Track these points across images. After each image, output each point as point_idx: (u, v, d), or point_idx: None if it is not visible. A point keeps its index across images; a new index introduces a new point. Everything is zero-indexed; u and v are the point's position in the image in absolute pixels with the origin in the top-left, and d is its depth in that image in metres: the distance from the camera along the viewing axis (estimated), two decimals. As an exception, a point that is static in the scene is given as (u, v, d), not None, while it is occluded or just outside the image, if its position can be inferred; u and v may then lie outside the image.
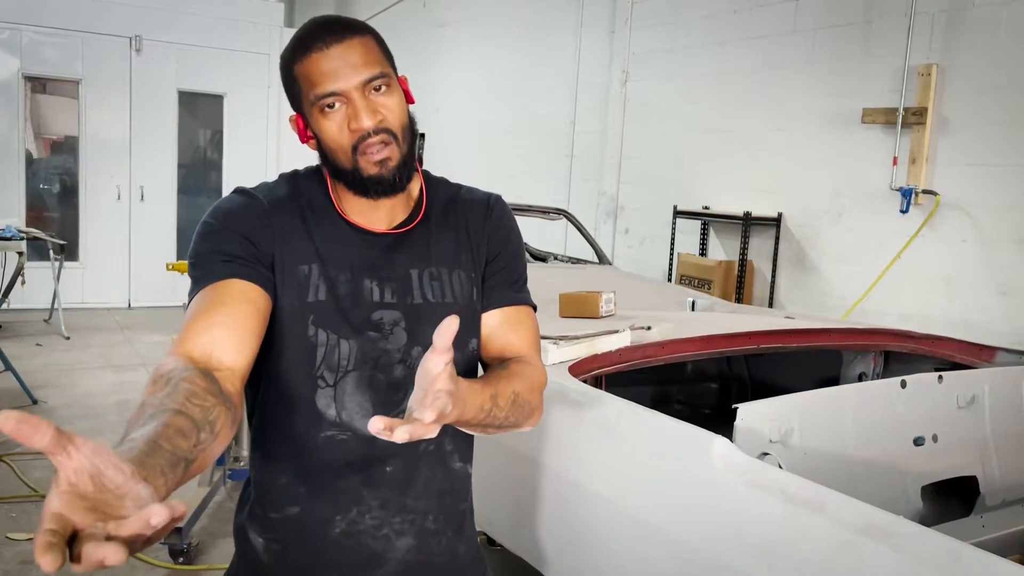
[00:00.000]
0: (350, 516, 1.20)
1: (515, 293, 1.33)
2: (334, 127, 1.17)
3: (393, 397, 1.21)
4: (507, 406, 1.14)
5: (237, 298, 1.12)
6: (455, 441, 1.27)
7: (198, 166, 8.83)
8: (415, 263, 1.25)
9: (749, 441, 1.66)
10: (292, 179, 1.28)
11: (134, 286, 8.13)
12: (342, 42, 1.16)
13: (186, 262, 3.96)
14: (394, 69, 1.22)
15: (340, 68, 1.15)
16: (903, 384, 1.94)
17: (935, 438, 1.96)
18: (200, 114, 8.69)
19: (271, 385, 1.22)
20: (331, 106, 1.16)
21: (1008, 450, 2.08)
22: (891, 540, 1.17)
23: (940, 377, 2.01)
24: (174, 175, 8.31)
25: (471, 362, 1.28)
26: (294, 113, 1.23)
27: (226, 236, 1.17)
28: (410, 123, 1.22)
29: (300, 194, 1.25)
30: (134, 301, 8.14)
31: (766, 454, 1.58)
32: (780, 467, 1.54)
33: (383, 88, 1.18)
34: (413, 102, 1.25)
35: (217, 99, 8.52)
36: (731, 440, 1.66)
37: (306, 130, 1.22)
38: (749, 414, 1.67)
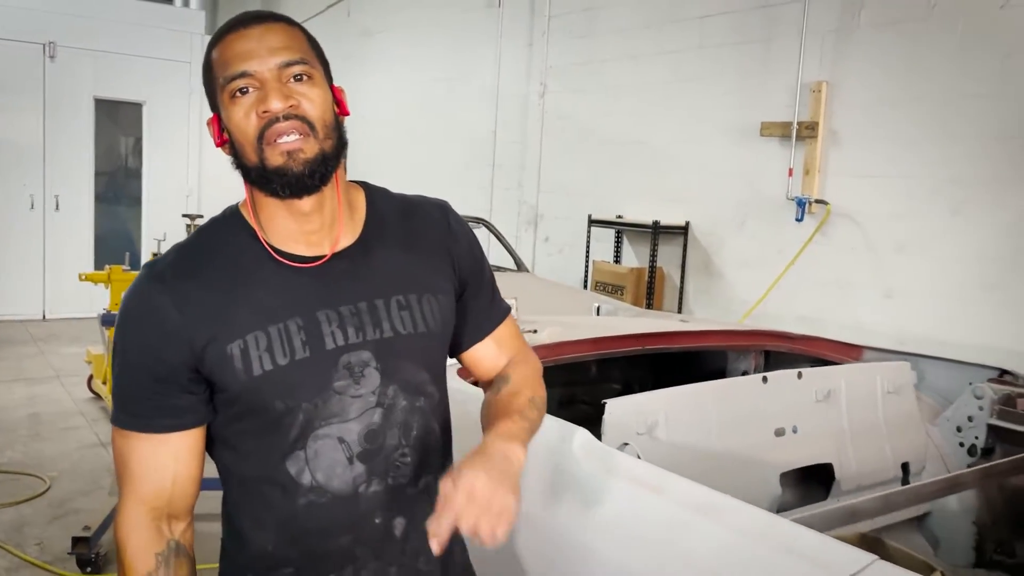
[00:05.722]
0: (345, 573, 1.15)
1: (497, 311, 1.33)
2: (241, 113, 1.06)
3: (370, 446, 1.13)
4: (535, 411, 1.23)
5: (176, 455, 1.11)
6: (437, 477, 1.16)
7: (118, 174, 8.68)
8: (378, 291, 1.15)
9: (616, 433, 1.79)
10: (208, 232, 1.16)
11: (49, 297, 7.96)
12: (262, 24, 1.08)
13: (101, 272, 3.99)
14: (326, 71, 1.14)
15: (256, 49, 1.05)
16: (764, 380, 2.10)
17: (795, 429, 2.13)
18: (120, 122, 8.55)
19: (239, 460, 1.15)
20: (243, 91, 1.05)
21: (863, 439, 2.26)
22: (717, 516, 1.31)
23: (800, 374, 2.18)
24: (91, 184, 8.17)
25: (445, 395, 1.26)
26: (212, 115, 1.12)
27: (140, 371, 1.10)
28: (336, 124, 1.11)
29: (215, 249, 1.13)
30: (49, 312, 7.97)
31: (626, 444, 1.71)
32: (638, 456, 1.68)
33: (304, 78, 1.07)
34: (348, 114, 1.15)
35: (136, 107, 8.40)
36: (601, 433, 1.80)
37: (222, 132, 1.10)
38: (616, 408, 1.80)
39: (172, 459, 1.11)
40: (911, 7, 4.13)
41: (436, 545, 0.99)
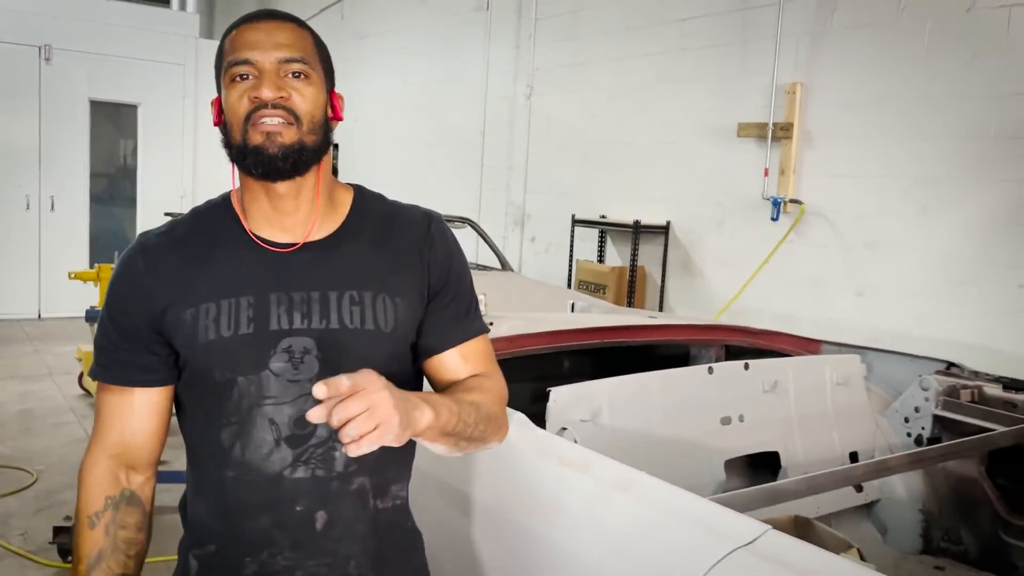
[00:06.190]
0: (261, 558, 1.17)
1: (468, 326, 1.29)
2: (236, 95, 1.13)
3: (300, 432, 1.15)
4: (474, 413, 1.17)
5: (137, 410, 1.20)
6: (375, 479, 1.22)
7: (114, 175, 8.78)
8: (334, 283, 1.18)
9: (560, 420, 1.87)
10: (197, 212, 1.26)
11: (44, 297, 8.05)
12: (274, 21, 1.17)
13: (91, 271, 4.15)
14: (328, 76, 1.22)
15: (262, 41, 1.14)
16: (710, 370, 2.18)
17: (741, 418, 2.21)
18: (116, 123, 8.65)
19: (190, 428, 1.23)
20: (243, 76, 1.13)
21: (811, 429, 2.34)
22: (633, 491, 1.39)
23: (746, 365, 2.25)
24: (86, 185, 8.27)
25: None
26: (216, 96, 1.20)
27: (113, 327, 1.21)
28: (325, 125, 1.18)
29: (200, 226, 1.22)
30: (44, 312, 8.06)
31: (564, 429, 1.79)
32: (575, 441, 1.75)
33: (301, 76, 1.15)
34: (340, 119, 1.22)
35: (132, 109, 8.50)
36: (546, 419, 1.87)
37: (220, 112, 1.18)
38: (561, 396, 1.88)
39: (133, 412, 1.20)
40: (881, 10, 4.21)
41: (320, 389, 0.96)
